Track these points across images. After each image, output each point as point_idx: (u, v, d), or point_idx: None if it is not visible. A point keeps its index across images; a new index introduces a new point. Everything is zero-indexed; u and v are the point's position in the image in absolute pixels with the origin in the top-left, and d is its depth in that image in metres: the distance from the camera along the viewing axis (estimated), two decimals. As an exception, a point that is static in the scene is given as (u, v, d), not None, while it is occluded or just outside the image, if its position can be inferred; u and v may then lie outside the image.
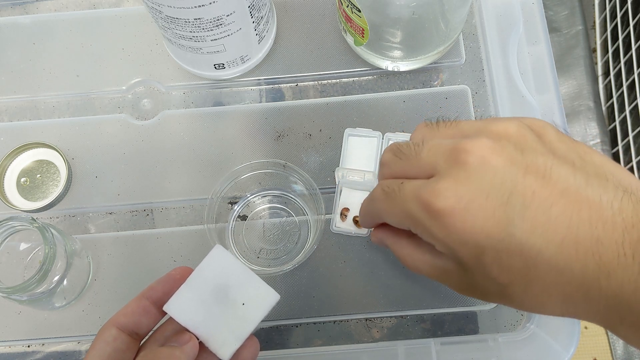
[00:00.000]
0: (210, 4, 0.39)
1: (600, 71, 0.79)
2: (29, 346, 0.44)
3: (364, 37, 0.44)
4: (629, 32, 0.72)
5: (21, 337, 0.44)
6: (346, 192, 0.46)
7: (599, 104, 0.76)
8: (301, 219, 0.46)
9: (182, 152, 0.48)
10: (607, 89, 0.77)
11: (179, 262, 0.45)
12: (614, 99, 0.75)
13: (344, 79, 0.49)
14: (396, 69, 0.48)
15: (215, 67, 0.47)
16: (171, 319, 0.32)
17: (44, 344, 0.44)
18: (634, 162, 0.69)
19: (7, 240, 0.41)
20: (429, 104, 0.48)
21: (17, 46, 0.51)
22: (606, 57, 0.78)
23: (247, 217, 0.46)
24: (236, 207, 0.46)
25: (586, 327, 0.70)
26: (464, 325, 0.43)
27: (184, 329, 0.32)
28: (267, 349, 0.43)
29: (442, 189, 0.27)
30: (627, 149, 0.71)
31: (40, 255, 0.43)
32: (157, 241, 0.46)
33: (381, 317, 0.44)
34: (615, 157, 0.73)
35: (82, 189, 0.47)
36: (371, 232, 0.36)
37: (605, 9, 0.80)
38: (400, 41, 0.44)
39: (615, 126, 0.74)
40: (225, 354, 0.32)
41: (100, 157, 0.48)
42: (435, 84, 0.49)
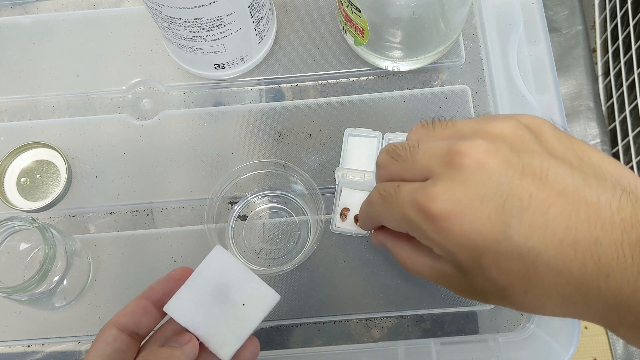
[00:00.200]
0: (210, 4, 0.39)
1: (600, 71, 0.79)
2: (29, 346, 0.44)
3: (364, 37, 0.44)
4: (629, 32, 0.72)
5: (21, 337, 0.44)
6: (346, 192, 0.46)
7: (599, 104, 0.76)
8: (301, 219, 0.46)
9: (182, 152, 0.48)
10: (607, 89, 0.77)
11: (179, 262, 0.45)
12: (614, 99, 0.75)
13: (344, 79, 0.49)
14: (396, 69, 0.48)
15: (215, 67, 0.47)
16: (171, 319, 0.32)
17: (44, 344, 0.44)
18: (634, 162, 0.69)
19: (7, 240, 0.41)
20: (429, 104, 0.48)
21: (17, 46, 0.51)
22: (606, 57, 0.78)
23: (247, 217, 0.46)
24: (236, 207, 0.46)
25: (586, 327, 0.70)
26: (464, 325, 0.43)
27: (184, 330, 0.32)
28: (267, 349, 0.43)
29: (437, 192, 0.27)
30: (627, 149, 0.71)
31: (40, 255, 0.43)
32: (157, 241, 0.46)
33: (381, 317, 0.44)
34: (615, 157, 0.73)
35: (82, 189, 0.47)
36: (372, 234, 0.36)
37: (605, 9, 0.80)
38: (400, 41, 0.44)
39: (615, 126, 0.74)
40: (225, 354, 0.32)
41: (100, 157, 0.48)
42: (435, 84, 0.49)
